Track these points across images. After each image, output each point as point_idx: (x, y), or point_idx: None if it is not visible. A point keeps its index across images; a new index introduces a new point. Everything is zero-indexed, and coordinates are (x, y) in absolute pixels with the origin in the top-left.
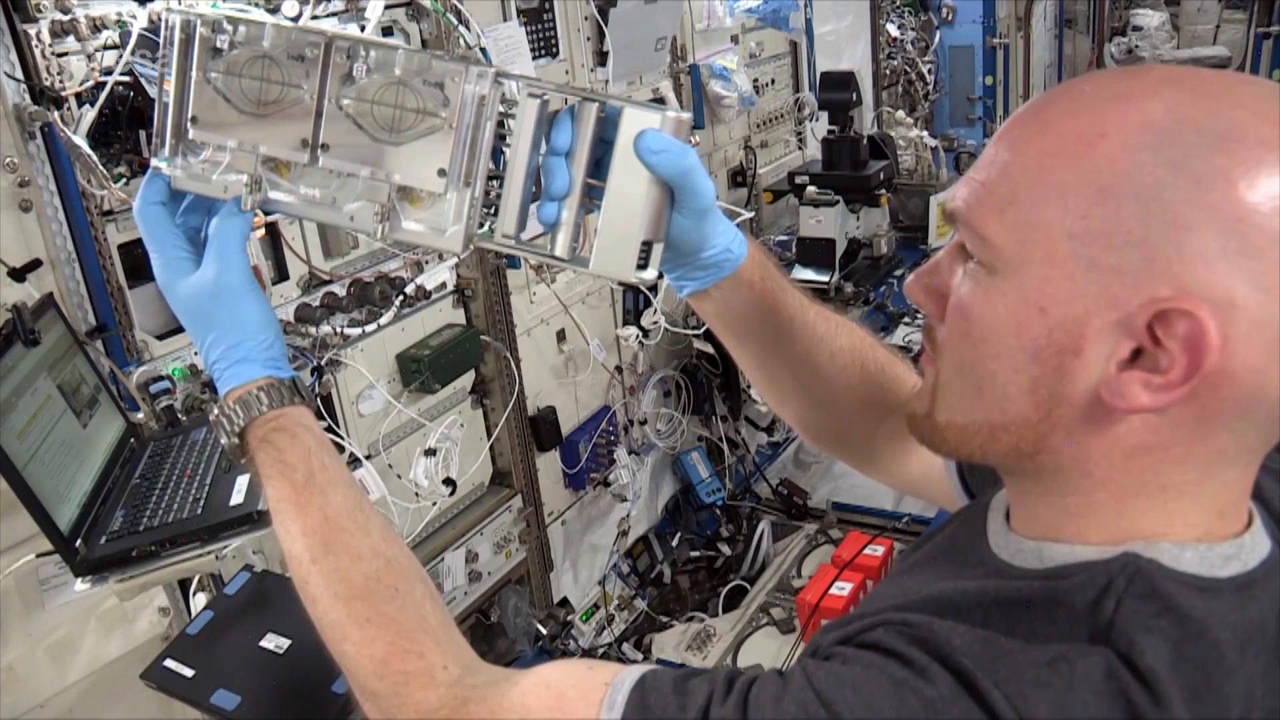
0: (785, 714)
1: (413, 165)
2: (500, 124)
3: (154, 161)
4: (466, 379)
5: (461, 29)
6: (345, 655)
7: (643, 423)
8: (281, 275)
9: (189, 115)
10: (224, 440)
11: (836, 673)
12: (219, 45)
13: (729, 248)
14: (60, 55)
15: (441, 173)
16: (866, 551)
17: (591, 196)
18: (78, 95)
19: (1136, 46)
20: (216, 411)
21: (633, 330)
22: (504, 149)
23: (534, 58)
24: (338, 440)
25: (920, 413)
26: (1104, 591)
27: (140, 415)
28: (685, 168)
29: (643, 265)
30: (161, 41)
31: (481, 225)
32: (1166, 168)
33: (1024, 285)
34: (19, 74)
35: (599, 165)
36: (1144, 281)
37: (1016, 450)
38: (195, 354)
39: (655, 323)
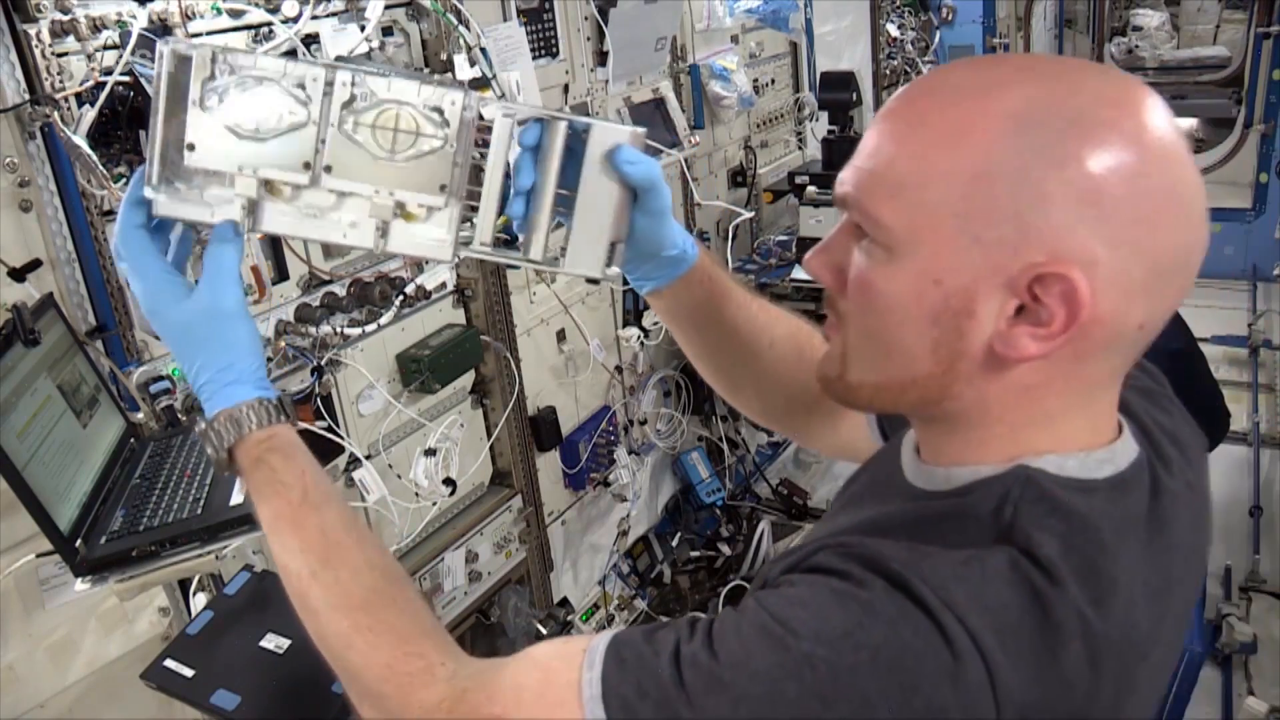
0: (746, 638)
1: (414, 182)
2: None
3: (145, 191)
4: (466, 379)
5: (461, 29)
6: (349, 663)
7: (643, 423)
8: (281, 275)
9: (186, 142)
10: (211, 453)
11: (785, 595)
12: (216, 74)
13: (685, 249)
14: (60, 55)
15: (443, 188)
16: None
17: (558, 205)
18: (78, 95)
19: (1136, 46)
20: (204, 426)
21: (634, 331)
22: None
23: (534, 58)
24: (338, 440)
25: (833, 375)
26: (1003, 500)
27: (140, 415)
28: (655, 176)
29: (609, 263)
30: (155, 76)
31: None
32: (1029, 152)
33: (918, 261)
34: (19, 74)
35: (564, 175)
36: (1021, 250)
37: (924, 400)
38: None
39: (656, 323)
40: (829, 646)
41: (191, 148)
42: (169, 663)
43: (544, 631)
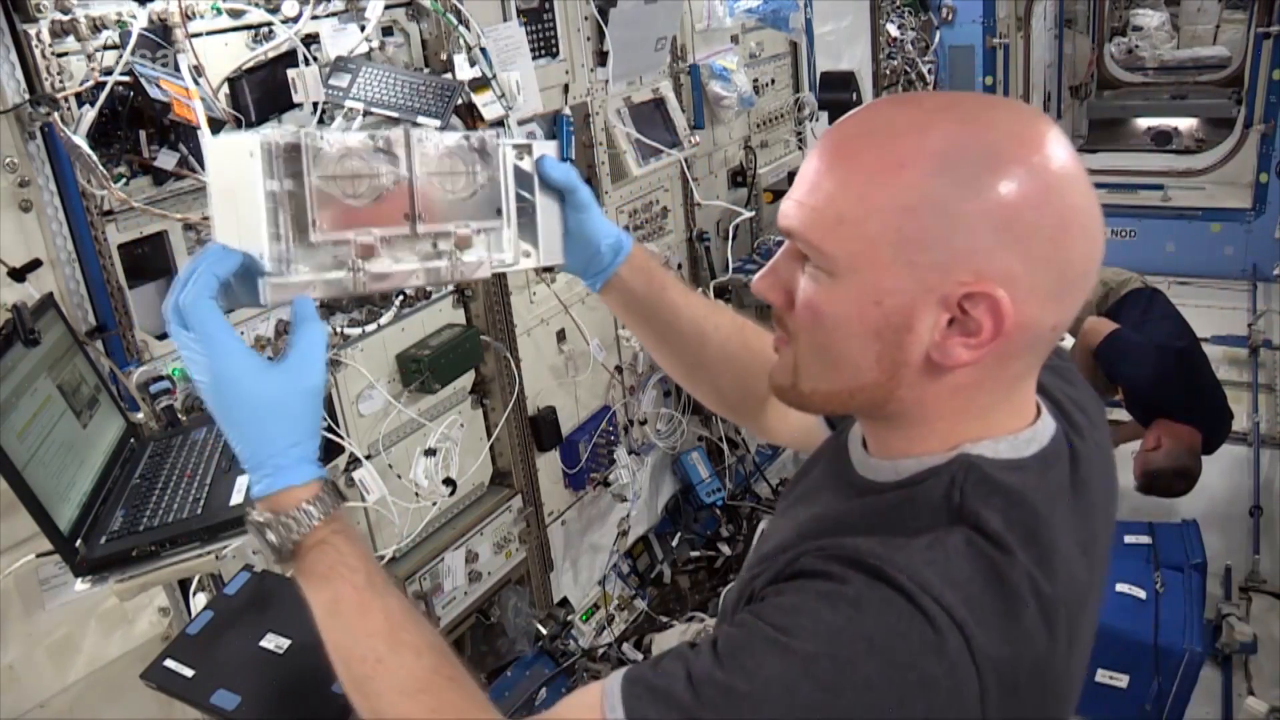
0: (753, 651)
1: (479, 214)
2: None
3: (271, 268)
4: (466, 379)
5: (461, 29)
6: None
7: (643, 423)
8: None
9: (311, 219)
10: (274, 539)
11: (778, 604)
12: (318, 151)
13: (619, 238)
14: (60, 55)
15: (498, 212)
16: None
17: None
18: (78, 95)
19: (1137, 46)
20: (266, 514)
21: None
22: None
23: (534, 58)
24: (338, 440)
25: (786, 385)
26: (950, 485)
27: (140, 415)
28: (573, 178)
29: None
30: (264, 167)
31: None
32: (952, 186)
33: (860, 285)
34: (19, 74)
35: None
36: (951, 271)
37: (871, 403)
38: None
39: None
40: (828, 643)
41: (314, 224)
42: (169, 663)
43: (544, 631)
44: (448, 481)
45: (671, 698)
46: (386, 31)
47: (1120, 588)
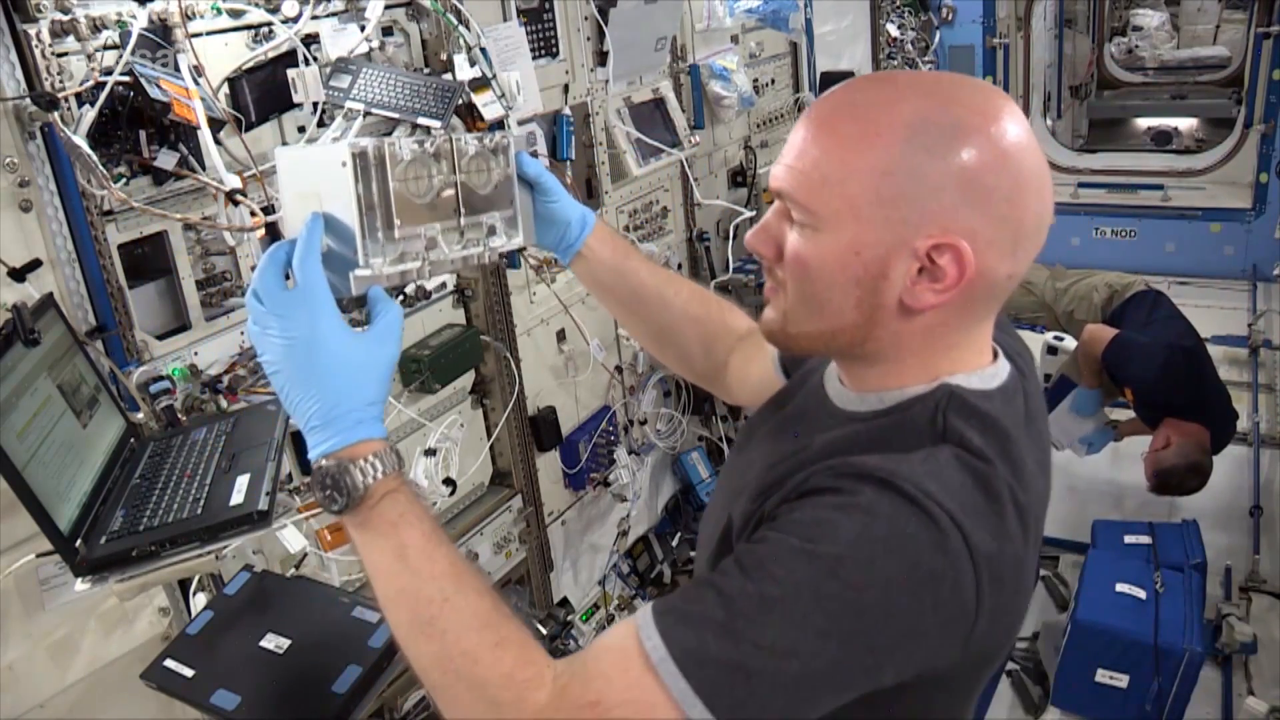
0: (780, 561)
1: (501, 203)
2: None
3: (369, 265)
4: (466, 379)
5: (461, 29)
6: (474, 677)
7: (643, 423)
8: None
9: (393, 219)
10: (354, 482)
11: (796, 519)
12: (397, 158)
13: (584, 213)
14: (60, 55)
15: (512, 201)
16: None
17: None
18: (78, 95)
19: (1136, 46)
20: (346, 462)
21: None
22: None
23: (534, 58)
24: None
25: (776, 329)
26: (935, 410)
27: (140, 415)
28: (541, 169)
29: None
30: (351, 174)
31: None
32: (922, 153)
33: (842, 238)
34: (19, 74)
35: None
36: (921, 227)
37: (851, 342)
38: (195, 354)
39: None
40: (849, 546)
41: (396, 223)
42: (169, 663)
43: (544, 631)
44: (448, 481)
45: (705, 617)
46: (386, 31)
47: (1120, 588)
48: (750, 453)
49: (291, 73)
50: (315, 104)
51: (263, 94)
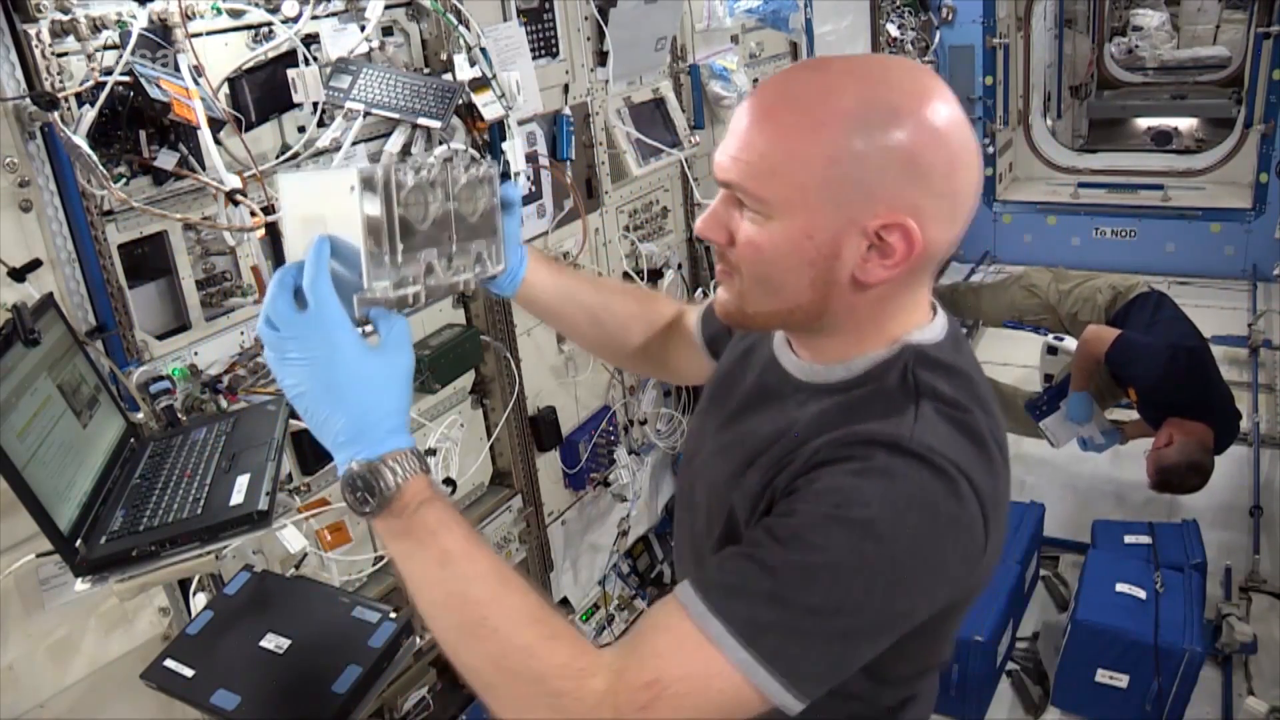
0: (817, 529)
1: (485, 230)
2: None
3: (377, 285)
4: (466, 379)
5: (461, 29)
6: (531, 670)
7: (643, 423)
8: None
9: (397, 243)
10: (385, 486)
11: (820, 490)
12: (402, 185)
13: (524, 245)
14: (60, 55)
15: (495, 230)
16: None
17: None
18: (78, 95)
19: (1136, 46)
20: (368, 465)
21: None
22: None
23: (534, 58)
24: None
25: (733, 310)
26: (904, 371)
27: (140, 415)
28: (515, 193)
29: None
30: (359, 199)
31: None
32: (864, 138)
33: (794, 223)
34: (19, 74)
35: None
36: (869, 207)
37: (808, 318)
38: (195, 354)
39: None
40: (878, 508)
41: (400, 248)
42: (169, 663)
43: None
44: (448, 481)
45: (753, 589)
46: (386, 31)
47: (1120, 588)
48: (724, 436)
49: (291, 73)
50: (315, 104)
51: (263, 94)
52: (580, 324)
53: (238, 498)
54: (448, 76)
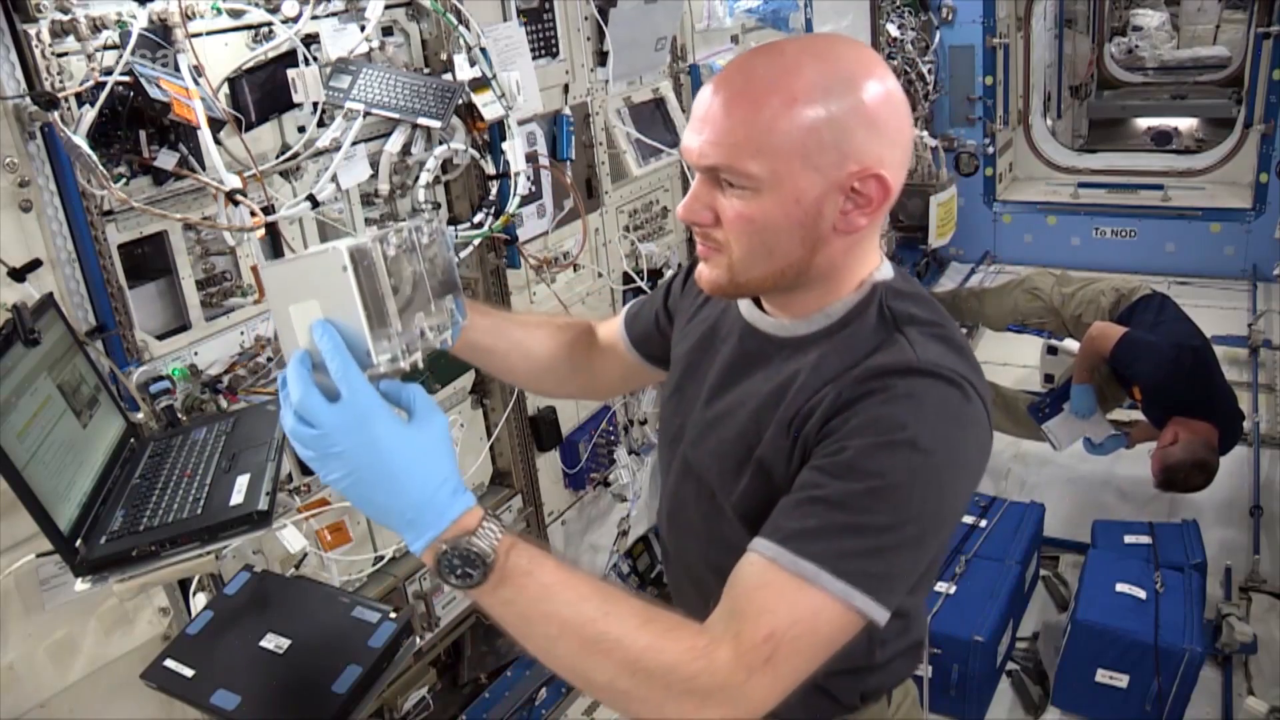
0: (871, 459)
1: (453, 283)
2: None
3: (381, 359)
4: (466, 379)
5: (461, 29)
6: (661, 664)
7: (643, 423)
8: None
9: (392, 312)
10: (481, 549)
11: (857, 426)
12: (387, 255)
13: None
14: (60, 55)
15: (456, 284)
16: None
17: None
18: (78, 95)
19: (1136, 46)
20: (467, 538)
21: None
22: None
23: (534, 58)
24: None
25: (724, 282)
26: (880, 306)
27: (140, 415)
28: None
29: None
30: (353, 276)
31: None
32: (830, 106)
33: (782, 193)
34: (19, 74)
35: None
36: (844, 166)
37: (796, 274)
38: (195, 354)
39: None
40: (915, 426)
41: (394, 316)
42: (169, 663)
43: None
44: None
45: (830, 526)
46: (386, 31)
47: (1120, 588)
48: (716, 406)
49: (291, 73)
50: (315, 104)
51: (263, 94)
52: (512, 358)
53: (238, 498)
54: (448, 76)
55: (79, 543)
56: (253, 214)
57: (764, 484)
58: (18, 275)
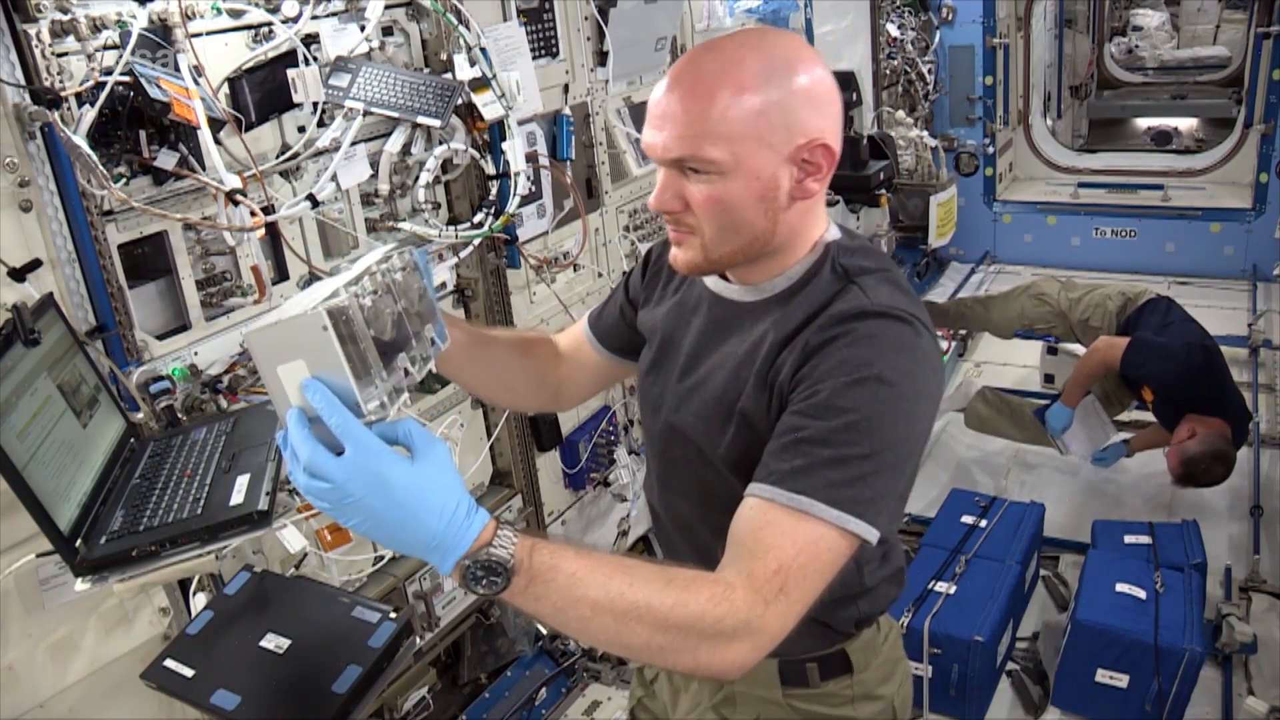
0: (845, 396)
1: (429, 314)
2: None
3: (372, 407)
4: None
5: (461, 29)
6: (689, 615)
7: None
8: (282, 275)
9: (375, 362)
10: (503, 556)
11: (826, 370)
12: (361, 308)
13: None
14: (60, 55)
15: (434, 311)
16: None
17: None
18: (78, 95)
19: (1137, 46)
20: (488, 550)
21: None
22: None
23: (534, 58)
24: None
25: (698, 261)
26: (833, 265)
27: (140, 415)
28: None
29: None
30: (334, 335)
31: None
32: (774, 90)
33: (743, 173)
34: (19, 74)
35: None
36: (793, 140)
37: (762, 245)
38: (195, 354)
39: None
40: (879, 363)
41: (377, 365)
42: (169, 663)
43: (544, 631)
44: None
45: (817, 461)
46: (386, 31)
47: (1120, 588)
48: (695, 373)
49: (291, 73)
50: (315, 104)
51: (263, 94)
52: (491, 373)
53: (238, 498)
54: (448, 76)
55: (79, 543)
56: (253, 214)
57: (748, 433)
58: (18, 275)
